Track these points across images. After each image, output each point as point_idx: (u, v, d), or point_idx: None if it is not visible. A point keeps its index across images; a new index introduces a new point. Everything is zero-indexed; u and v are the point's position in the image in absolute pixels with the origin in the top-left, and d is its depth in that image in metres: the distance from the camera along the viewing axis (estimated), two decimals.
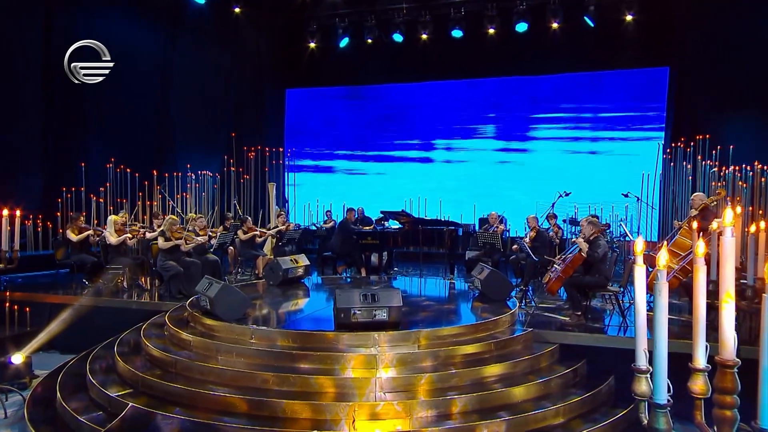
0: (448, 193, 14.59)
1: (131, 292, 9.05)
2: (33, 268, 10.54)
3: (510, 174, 14.66)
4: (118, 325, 7.61)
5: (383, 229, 11.00)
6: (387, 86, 15.75)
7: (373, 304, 5.80)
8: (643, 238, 1.77)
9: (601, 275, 6.95)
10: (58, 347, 8.02)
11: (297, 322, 6.90)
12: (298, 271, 9.25)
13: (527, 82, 14.58)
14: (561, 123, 14.40)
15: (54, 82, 11.63)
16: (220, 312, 6.36)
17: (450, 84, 15.21)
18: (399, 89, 15.71)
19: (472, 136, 15.15)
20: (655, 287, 1.69)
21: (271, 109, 16.26)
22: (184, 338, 6.28)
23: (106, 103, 12.34)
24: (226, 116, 15.24)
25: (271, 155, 15.31)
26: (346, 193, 15.59)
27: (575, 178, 13.53)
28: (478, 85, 15.01)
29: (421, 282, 10.17)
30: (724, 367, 1.61)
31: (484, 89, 14.99)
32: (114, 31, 12.07)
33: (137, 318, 7.74)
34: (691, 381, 1.76)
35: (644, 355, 1.76)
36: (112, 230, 9.44)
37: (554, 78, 14.32)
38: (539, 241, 9.44)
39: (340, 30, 14.90)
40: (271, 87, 16.20)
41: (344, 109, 16.32)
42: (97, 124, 12.57)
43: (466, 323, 6.42)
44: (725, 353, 1.61)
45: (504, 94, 14.82)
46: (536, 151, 14.60)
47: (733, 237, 1.58)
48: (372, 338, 5.73)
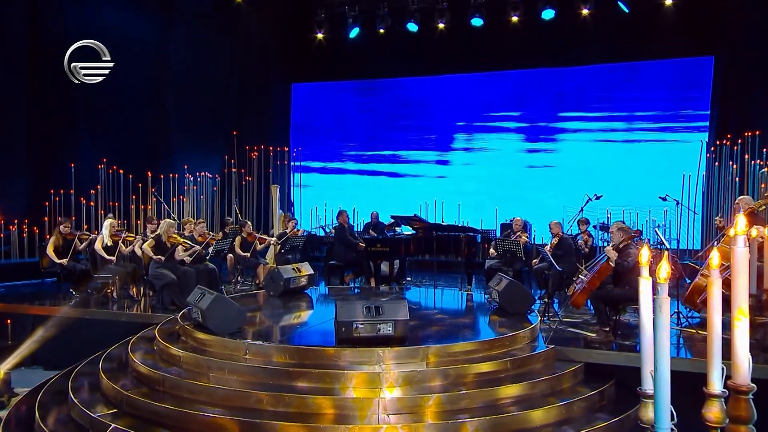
0: (468, 196, 14.52)
1: (121, 303, 9.14)
2: (17, 277, 10.70)
3: (535, 175, 14.57)
4: (106, 339, 7.67)
5: (394, 235, 10.97)
6: (401, 80, 15.74)
7: (377, 317, 5.78)
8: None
9: (632, 287, 6.82)
10: (41, 363, 8.11)
11: (296, 336, 6.90)
12: (301, 280, 9.26)
13: (554, 74, 14.49)
14: (592, 119, 14.28)
15: (40, 75, 11.81)
16: (213, 325, 6.38)
17: (469, 77, 15.15)
18: (414, 83, 15.68)
19: (494, 134, 15.07)
20: (656, 303, 1.65)
21: (276, 105, 16.34)
22: (173, 354, 6.31)
23: (96, 99, 12.50)
24: (227, 113, 15.35)
25: (275, 155, 15.39)
26: (357, 195, 15.60)
27: (607, 179, 13.38)
28: (501, 78, 14.94)
29: (435, 293, 10.13)
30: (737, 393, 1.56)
31: (507, 83, 14.91)
32: (105, 20, 12.27)
33: (127, 331, 7.80)
34: (706, 408, 1.71)
35: (650, 377, 1.71)
36: (107, 233, 9.54)
37: (584, 70, 14.21)
38: (562, 248, 9.35)
39: (350, 19, 14.94)
40: (276, 81, 16.29)
41: (355, 105, 16.33)
42: (88, 122, 12.74)
43: (480, 339, 6.36)
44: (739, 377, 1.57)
45: (529, 87, 14.73)
46: (564, 150, 14.47)
47: (745, 247, 1.54)
48: (376, 355, 5.71)
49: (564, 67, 14.33)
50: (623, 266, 6.73)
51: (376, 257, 10.45)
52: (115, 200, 12.66)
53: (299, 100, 16.87)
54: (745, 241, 1.56)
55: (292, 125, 16.84)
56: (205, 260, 9.50)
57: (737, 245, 1.55)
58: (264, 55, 15.86)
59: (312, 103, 16.81)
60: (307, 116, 16.79)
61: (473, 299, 9.43)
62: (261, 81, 15.93)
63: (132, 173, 12.82)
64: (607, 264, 6.82)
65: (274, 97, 16.26)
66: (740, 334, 1.55)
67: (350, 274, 11.19)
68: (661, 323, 1.63)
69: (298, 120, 16.84)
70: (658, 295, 1.65)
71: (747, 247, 1.56)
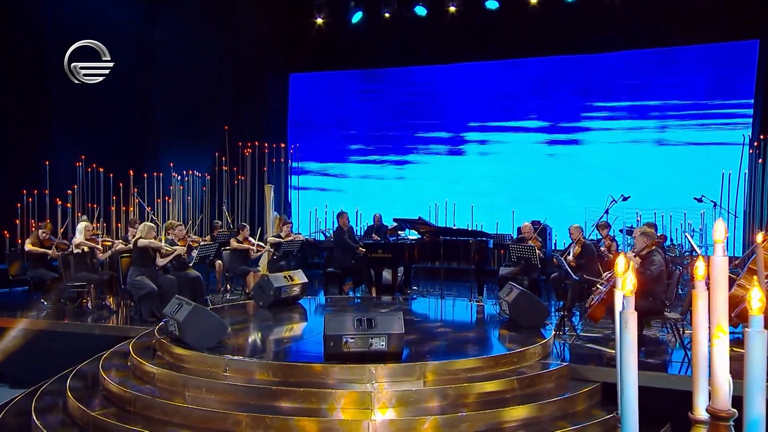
0: (482, 196, 14.47)
1: (97, 314, 9.19)
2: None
3: (557, 174, 14.51)
4: (79, 353, 7.71)
5: (397, 240, 10.96)
6: (408, 69, 15.73)
7: (369, 330, 5.77)
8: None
9: (656, 299, 6.78)
10: (7, 380, 8.16)
11: (283, 351, 6.91)
12: (293, 290, 9.27)
13: (579, 61, 14.41)
14: (620, 111, 14.20)
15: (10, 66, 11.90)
16: (190, 339, 6.40)
17: (484, 66, 15.11)
18: (423, 73, 15.67)
19: (512, 129, 15.02)
20: (621, 318, 1.62)
21: (272, 98, 16.39)
22: (147, 370, 6.33)
23: (74, 91, 12.58)
24: (218, 106, 15.42)
25: (271, 152, 15.43)
26: (360, 196, 15.63)
27: (637, 178, 13.30)
28: (519, 66, 14.88)
29: (443, 304, 10.10)
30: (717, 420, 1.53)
31: (526, 71, 14.86)
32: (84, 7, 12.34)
33: (102, 345, 7.84)
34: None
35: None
36: (82, 237, 9.60)
37: (612, 57, 14.12)
38: (585, 256, 9.28)
39: (353, 3, 14.96)
40: (272, 71, 16.34)
41: (358, 97, 16.35)
42: (64, 116, 12.82)
43: (485, 355, 6.32)
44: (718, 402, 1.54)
45: (550, 77, 14.67)
46: (589, 146, 14.41)
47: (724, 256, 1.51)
48: (367, 372, 5.71)
49: (589, 54, 14.24)
50: (646, 275, 6.66)
51: (376, 264, 10.43)
52: (94, 201, 12.73)
53: (297, 92, 16.91)
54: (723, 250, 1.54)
55: (290, 119, 16.88)
56: (188, 267, 9.53)
57: (716, 253, 1.52)
58: (258, 43, 15.91)
59: (311, 95, 16.85)
60: (305, 110, 16.83)
61: (484, 311, 9.39)
62: (255, 71, 15.99)
63: (113, 172, 12.89)
64: None
65: (269, 88, 16.31)
66: (719, 353, 1.52)
67: (350, 283, 11.20)
68: (627, 340, 1.60)
69: (295, 114, 16.89)
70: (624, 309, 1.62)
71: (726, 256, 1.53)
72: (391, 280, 10.76)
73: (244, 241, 10.56)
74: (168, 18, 14.07)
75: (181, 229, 10.15)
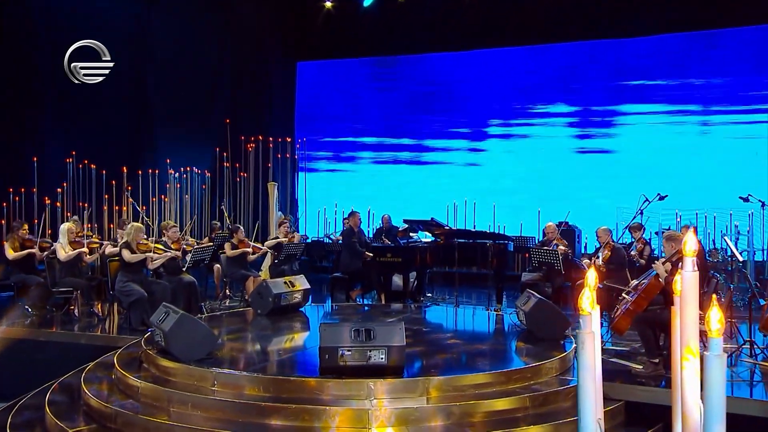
0: (505, 195, 14.44)
1: (85, 322, 9.27)
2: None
3: (587, 170, 14.48)
4: (64, 364, 7.79)
5: (408, 243, 10.94)
6: (424, 57, 15.76)
7: (367, 342, 5.76)
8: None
9: None
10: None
11: (277, 364, 6.93)
12: (294, 297, 9.28)
13: (611, 47, 14.36)
14: (656, 102, 14.09)
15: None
16: (176, 350, 6.43)
17: (507, 52, 15.10)
18: (440, 60, 15.67)
19: (537, 121, 15.00)
20: (578, 339, 1.61)
21: (277, 88, 16.44)
22: (131, 384, 6.37)
23: (64, 83, 12.73)
24: (219, 98, 15.50)
25: (276, 147, 15.47)
26: (373, 195, 15.65)
27: (676, 175, 13.26)
28: (545, 52, 14.84)
29: (457, 313, 10.07)
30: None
31: (553, 58, 14.82)
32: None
33: (88, 355, 7.90)
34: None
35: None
36: (65, 241, 9.67)
37: (647, 41, 14.04)
38: (615, 261, 9.20)
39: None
40: (277, 60, 16.36)
41: (370, 87, 16.39)
42: (54, 108, 12.96)
43: (496, 369, 6.29)
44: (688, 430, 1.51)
45: (580, 63, 14.64)
46: (622, 140, 14.37)
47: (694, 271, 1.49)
48: (366, 387, 5.68)
49: (623, 38, 14.17)
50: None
51: (385, 269, 10.42)
52: (85, 200, 12.85)
53: (305, 82, 16.96)
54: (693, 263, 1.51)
55: (297, 112, 16.92)
56: (182, 272, 9.58)
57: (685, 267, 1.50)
58: (262, 29, 15.95)
59: (319, 85, 16.91)
60: (313, 101, 16.90)
61: (503, 321, 9.33)
62: (259, 60, 16.04)
63: (105, 168, 12.99)
64: (656, 281, 6.68)
65: (274, 78, 16.35)
66: (688, 377, 1.49)
67: (358, 289, 11.20)
68: (584, 364, 1.58)
69: (303, 105, 16.93)
70: (581, 328, 1.60)
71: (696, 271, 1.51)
72: (402, 286, 10.75)
73: (240, 244, 10.59)
74: (165, 3, 14.16)
75: (176, 230, 10.22)
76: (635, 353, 7.44)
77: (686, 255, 1.53)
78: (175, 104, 14.41)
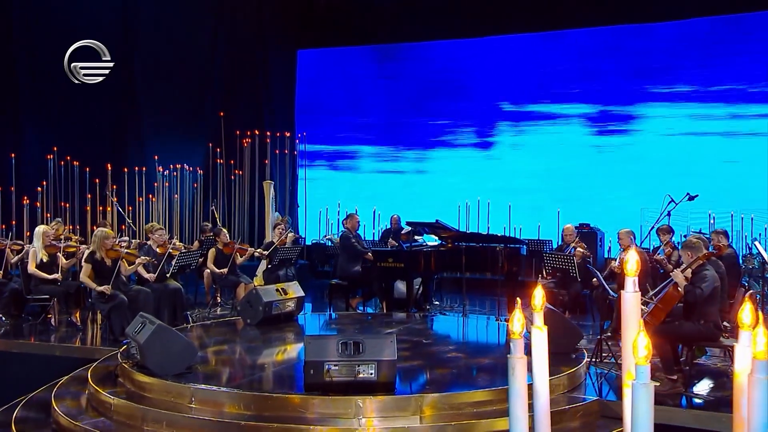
0: (520, 195, 14.39)
1: (62, 332, 9.30)
2: None
3: (608, 168, 14.41)
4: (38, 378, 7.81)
5: (411, 247, 10.90)
6: (433, 44, 15.73)
7: (355, 356, 5.74)
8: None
9: (708, 321, 6.63)
10: None
11: (260, 380, 6.90)
12: (287, 305, 9.26)
13: (633, 33, 14.23)
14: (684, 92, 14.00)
15: None
16: (152, 364, 6.43)
17: (520, 40, 15.02)
18: (449, 48, 15.64)
19: (553, 113, 14.93)
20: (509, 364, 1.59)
21: (277, 78, 16.39)
22: (104, 400, 6.38)
23: (44, 72, 12.79)
24: (212, 89, 15.49)
25: (273, 142, 15.48)
26: (378, 194, 15.65)
27: (707, 173, 13.16)
28: (562, 40, 14.77)
29: (466, 323, 10.03)
30: None
31: (570, 46, 14.74)
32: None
33: (64, 368, 7.92)
34: None
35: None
36: (40, 245, 9.70)
37: (673, 26, 13.92)
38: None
39: None
40: (275, 48, 16.32)
41: (375, 77, 16.36)
42: (33, 101, 13.02)
43: (498, 386, 6.23)
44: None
45: (599, 51, 14.55)
46: (647, 135, 14.27)
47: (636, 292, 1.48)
48: (354, 405, 5.66)
49: (648, 23, 14.05)
50: (695, 294, 6.53)
51: (386, 275, 10.39)
52: (67, 200, 12.92)
53: (305, 72, 16.92)
54: (635, 284, 1.49)
55: (297, 104, 16.88)
56: (167, 278, 9.60)
57: (626, 288, 1.49)
58: (260, 14, 15.94)
59: (321, 75, 16.89)
60: (313, 92, 16.87)
61: None
62: (256, 47, 15.99)
63: (89, 166, 13.07)
64: (675, 290, 6.63)
65: (272, 68, 16.30)
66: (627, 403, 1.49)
67: (359, 297, 11.17)
68: (514, 389, 1.57)
69: (303, 97, 16.90)
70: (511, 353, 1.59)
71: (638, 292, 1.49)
72: (406, 293, 10.71)
73: (225, 248, 10.60)
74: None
75: (162, 233, 10.23)
76: (655, 368, 7.38)
77: (627, 275, 1.52)
78: (165, 95, 14.45)
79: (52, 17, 12.90)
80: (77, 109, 13.22)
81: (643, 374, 1.49)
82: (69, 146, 13.04)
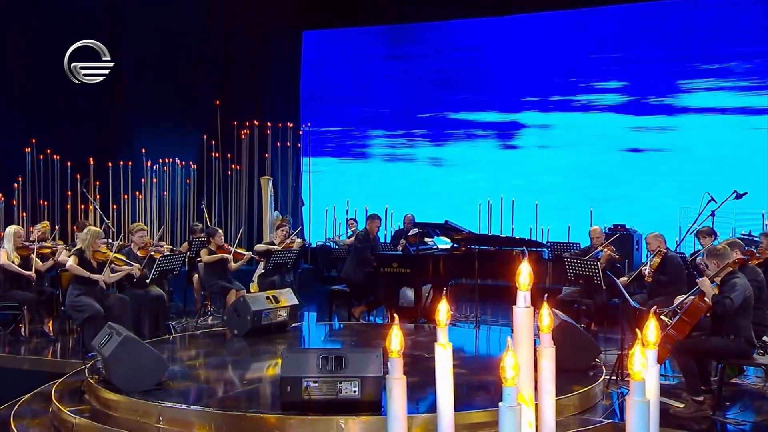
0: (547, 194, 14.41)
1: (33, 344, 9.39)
2: None
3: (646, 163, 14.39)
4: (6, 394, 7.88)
5: (418, 250, 10.88)
6: (448, 24, 15.77)
7: (337, 372, 5.72)
8: None
9: (739, 336, 6.55)
10: None
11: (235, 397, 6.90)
12: (279, 314, 9.23)
13: (673, 9, 14.16)
14: (730, 78, 13.92)
15: None
16: (118, 379, 6.44)
17: (544, 18, 15.03)
18: (469, 28, 15.65)
19: (583, 104, 14.87)
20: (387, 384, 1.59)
21: (277, 63, 16.41)
22: (65, 419, 6.41)
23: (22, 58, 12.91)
24: (208, 76, 15.54)
25: (274, 133, 15.50)
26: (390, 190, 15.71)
27: (754, 168, 13.09)
28: (592, 17, 14.77)
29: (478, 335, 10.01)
30: None
31: (601, 24, 14.72)
32: None
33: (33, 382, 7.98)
34: None
35: None
36: (11, 247, 9.80)
37: (716, 2, 13.75)
38: (668, 272, 9.12)
39: None
40: (277, 29, 16.33)
41: (385, 61, 16.40)
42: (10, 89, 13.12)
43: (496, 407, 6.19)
44: None
45: (634, 30, 14.52)
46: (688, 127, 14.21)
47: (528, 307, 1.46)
48: (335, 426, 5.64)
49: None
50: (725, 305, 6.45)
51: (392, 281, 10.38)
52: (46, 197, 13.03)
53: (310, 55, 16.95)
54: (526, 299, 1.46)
55: (302, 91, 16.91)
56: (149, 284, 9.64)
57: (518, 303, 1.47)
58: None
59: (326, 59, 16.94)
60: (318, 78, 16.93)
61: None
62: (256, 29, 16.00)
63: (71, 160, 13.15)
64: (701, 300, 6.56)
65: (274, 51, 16.31)
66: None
67: (363, 305, 11.16)
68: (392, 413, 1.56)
69: (307, 83, 16.94)
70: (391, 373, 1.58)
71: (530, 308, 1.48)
72: (414, 301, 10.71)
73: (218, 250, 10.63)
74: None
75: (143, 234, 10.25)
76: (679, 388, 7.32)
77: (519, 289, 1.50)
78: (154, 82, 14.47)
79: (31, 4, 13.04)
80: (57, 99, 13.26)
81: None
82: (48, 139, 13.13)
